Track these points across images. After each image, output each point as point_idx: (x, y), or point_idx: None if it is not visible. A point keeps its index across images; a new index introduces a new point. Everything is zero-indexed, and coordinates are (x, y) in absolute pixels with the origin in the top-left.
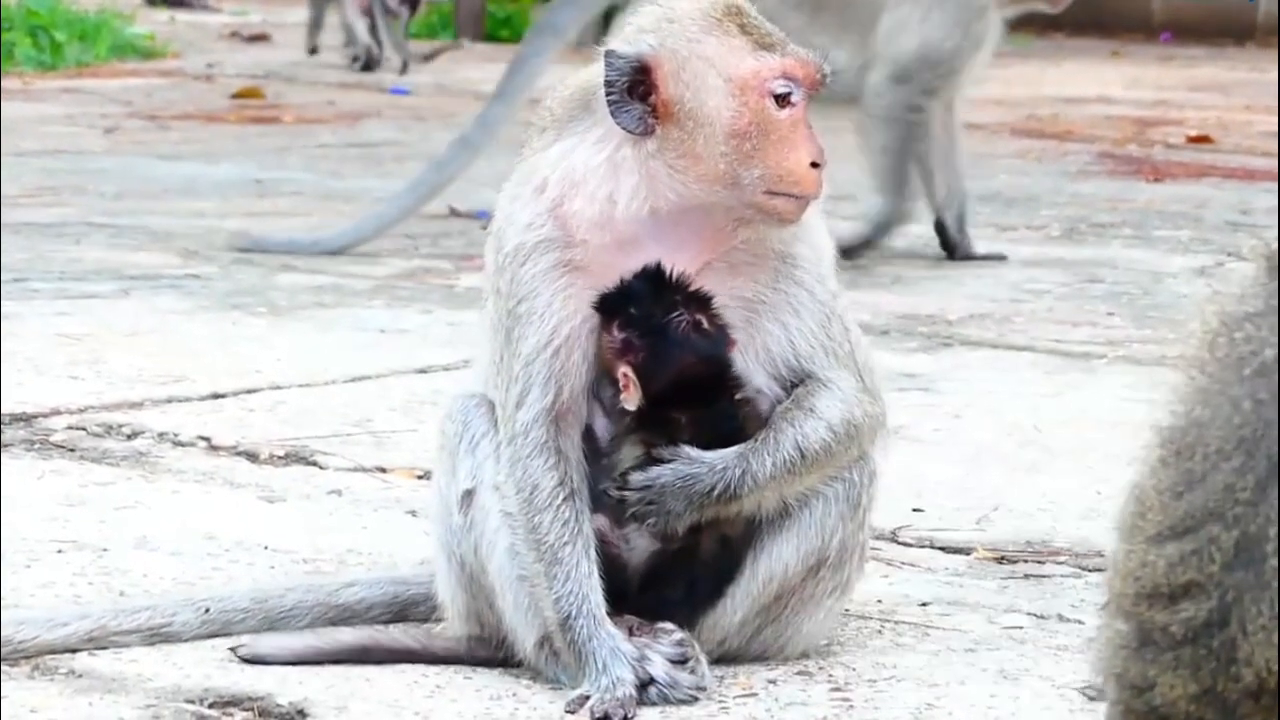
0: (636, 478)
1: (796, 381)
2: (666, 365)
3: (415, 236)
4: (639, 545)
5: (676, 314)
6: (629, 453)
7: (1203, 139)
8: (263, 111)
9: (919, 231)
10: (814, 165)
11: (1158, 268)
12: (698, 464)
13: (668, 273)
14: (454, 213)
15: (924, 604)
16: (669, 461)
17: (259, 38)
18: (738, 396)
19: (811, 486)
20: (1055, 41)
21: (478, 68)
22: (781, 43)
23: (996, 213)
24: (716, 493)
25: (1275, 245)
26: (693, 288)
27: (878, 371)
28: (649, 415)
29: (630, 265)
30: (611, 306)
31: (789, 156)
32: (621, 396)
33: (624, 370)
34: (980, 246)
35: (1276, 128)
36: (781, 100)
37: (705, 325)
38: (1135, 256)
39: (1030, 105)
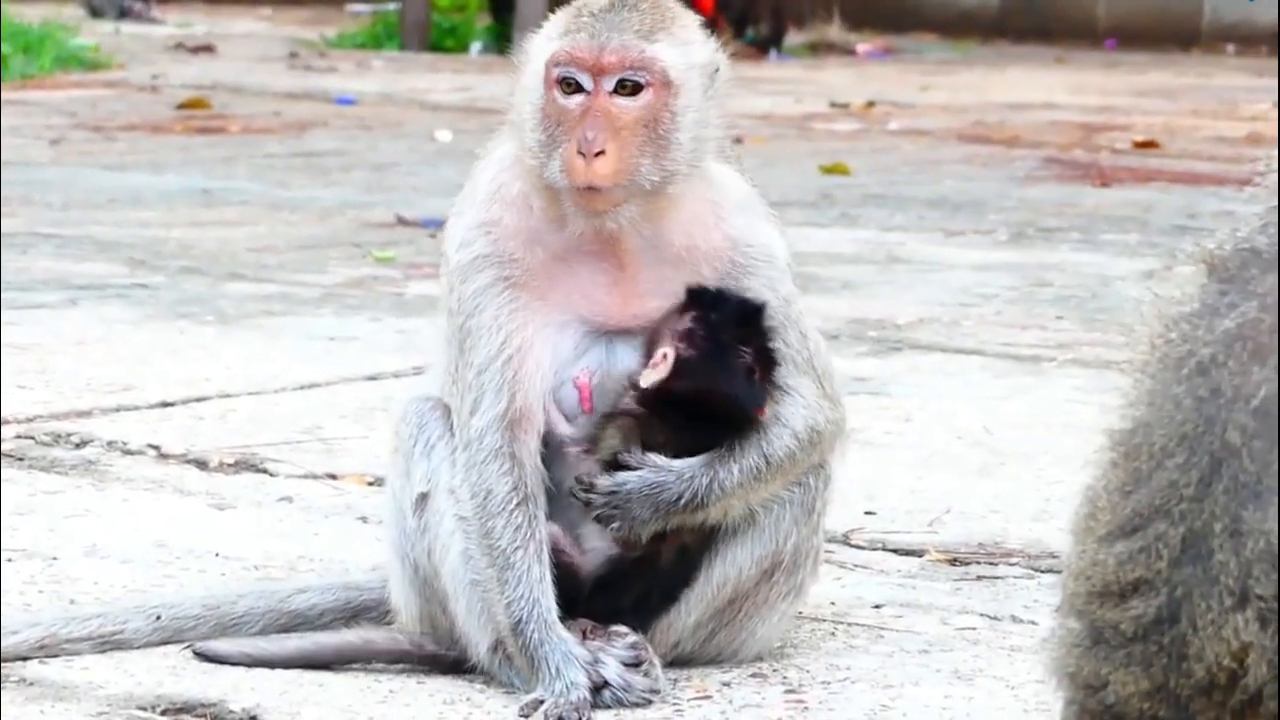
0: (604, 482)
1: None
2: (700, 379)
3: (363, 245)
4: (597, 547)
5: (744, 350)
6: (607, 445)
7: (1149, 144)
8: (209, 122)
9: (866, 237)
10: (581, 154)
11: (1105, 271)
12: (665, 472)
13: (763, 316)
14: (401, 221)
15: (877, 606)
16: (636, 469)
17: (204, 49)
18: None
19: (773, 493)
20: (999, 48)
21: (423, 78)
22: (582, 28)
23: (944, 217)
24: (684, 501)
25: (1213, 248)
26: (769, 343)
27: (836, 377)
28: (645, 412)
29: (569, 277)
30: (699, 296)
31: (564, 145)
32: (644, 373)
33: (665, 351)
34: None
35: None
36: (567, 86)
37: (756, 377)
38: (1083, 260)
39: (976, 111)
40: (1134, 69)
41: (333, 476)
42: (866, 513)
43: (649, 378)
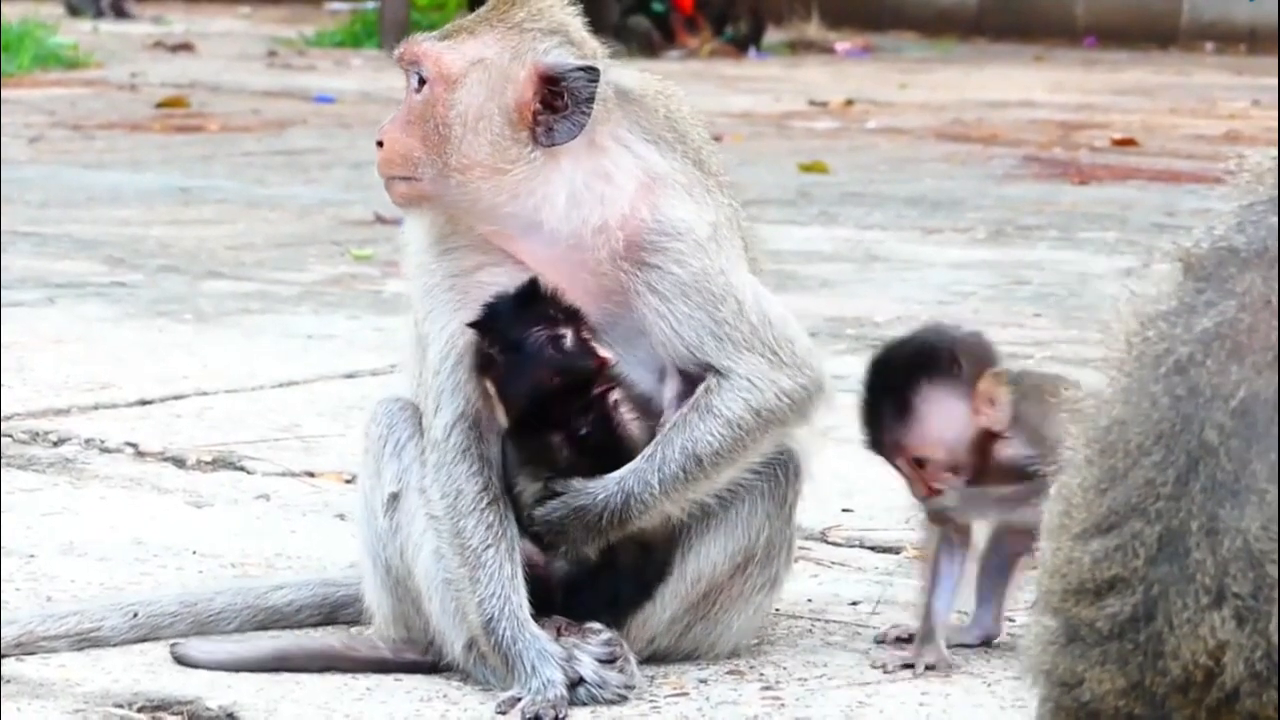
0: (538, 514)
1: (701, 373)
2: (521, 381)
3: (341, 243)
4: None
5: (536, 329)
6: (527, 485)
7: (1128, 142)
8: (187, 120)
9: (844, 235)
10: (377, 145)
11: (1084, 269)
12: (583, 495)
13: (541, 288)
14: (380, 219)
15: (854, 603)
16: (561, 494)
17: (183, 47)
18: (614, 400)
19: (735, 480)
20: (979, 46)
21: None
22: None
23: (922, 216)
24: (605, 520)
25: (1189, 247)
26: (565, 303)
27: (801, 340)
28: (527, 439)
29: (491, 279)
30: (482, 325)
31: None
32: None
33: (485, 387)
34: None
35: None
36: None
37: (567, 339)
38: (1061, 258)
39: (955, 109)
40: (1113, 67)
41: (310, 474)
42: (844, 510)
43: (498, 419)
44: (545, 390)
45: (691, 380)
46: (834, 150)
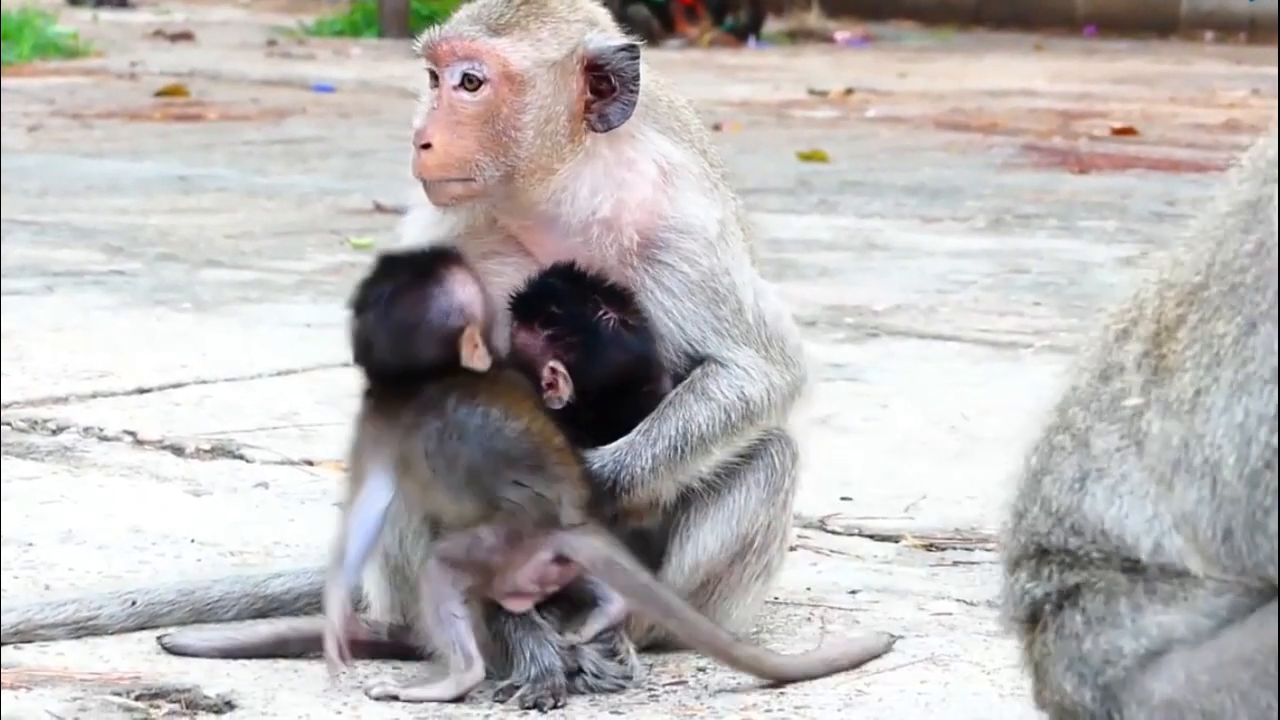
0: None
1: (697, 363)
2: (601, 363)
3: (340, 231)
4: None
5: (603, 312)
6: None
7: (1127, 131)
8: (187, 109)
9: (844, 224)
10: (423, 146)
11: (1083, 257)
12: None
13: (583, 270)
14: (379, 208)
15: (853, 591)
16: None
17: (183, 36)
18: (646, 389)
19: (726, 466)
20: (978, 35)
21: (401, 64)
22: (451, 19)
23: (921, 204)
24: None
25: None
26: (609, 284)
27: (792, 338)
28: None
29: (498, 272)
30: (530, 306)
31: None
32: (547, 395)
33: (552, 366)
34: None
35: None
36: (431, 78)
37: (630, 321)
38: (1061, 246)
39: (954, 99)
40: (1112, 56)
41: (309, 462)
42: (843, 498)
43: (558, 400)
44: (620, 373)
45: (679, 377)
46: (833, 139)
